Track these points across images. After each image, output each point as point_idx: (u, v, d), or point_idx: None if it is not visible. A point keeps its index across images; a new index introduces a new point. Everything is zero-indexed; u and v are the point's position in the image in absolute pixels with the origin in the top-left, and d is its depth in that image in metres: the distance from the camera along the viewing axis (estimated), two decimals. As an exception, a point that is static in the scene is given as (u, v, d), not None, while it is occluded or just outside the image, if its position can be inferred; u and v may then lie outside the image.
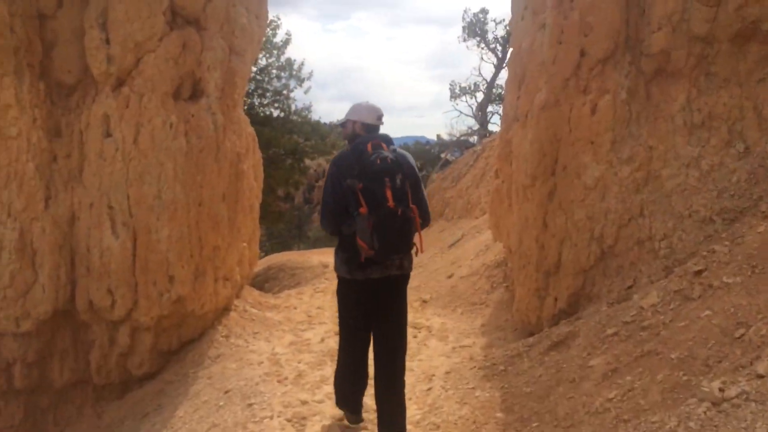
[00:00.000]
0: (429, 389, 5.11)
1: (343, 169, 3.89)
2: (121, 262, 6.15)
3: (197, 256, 6.53)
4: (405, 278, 4.10)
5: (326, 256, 17.37)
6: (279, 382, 5.50)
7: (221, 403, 5.28)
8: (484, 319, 7.69)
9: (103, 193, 6.16)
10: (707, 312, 3.85)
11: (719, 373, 3.28)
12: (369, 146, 3.86)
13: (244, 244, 8.07)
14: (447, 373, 5.47)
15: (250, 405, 4.98)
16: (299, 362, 6.15)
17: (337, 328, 7.34)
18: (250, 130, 8.29)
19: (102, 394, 6.65)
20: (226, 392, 5.45)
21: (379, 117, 4.15)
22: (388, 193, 3.69)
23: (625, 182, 5.29)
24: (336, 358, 4.58)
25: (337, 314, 4.60)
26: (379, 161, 3.76)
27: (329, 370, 5.93)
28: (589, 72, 5.58)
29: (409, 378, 5.56)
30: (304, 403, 4.96)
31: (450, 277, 9.70)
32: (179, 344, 6.77)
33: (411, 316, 8.20)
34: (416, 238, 3.94)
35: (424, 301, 8.95)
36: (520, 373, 4.70)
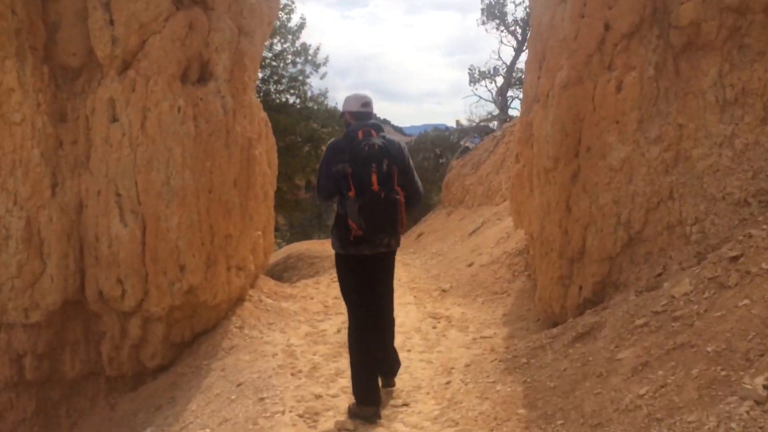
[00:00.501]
0: (448, 383, 4.88)
1: (335, 154, 4.24)
2: (130, 251, 5.99)
3: (208, 244, 6.35)
4: (392, 254, 4.58)
5: (345, 245, 17.22)
6: (293, 375, 5.31)
7: (233, 397, 5.10)
8: (505, 309, 7.43)
9: (110, 180, 6.00)
10: (746, 301, 3.56)
11: (762, 368, 3.00)
12: (360, 133, 4.21)
13: (258, 233, 7.88)
14: (467, 365, 5.23)
15: (262, 399, 4.79)
16: (314, 354, 5.96)
17: (353, 319, 7.22)
18: (263, 114, 8.08)
19: (115, 386, 6.54)
20: (239, 385, 5.28)
21: (364, 104, 4.47)
22: (374, 178, 4.06)
23: (653, 163, 4.98)
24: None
25: None
26: (367, 148, 4.12)
27: (344, 362, 5.73)
28: (614, 47, 5.26)
29: (427, 371, 5.38)
30: (317, 397, 4.76)
31: (470, 265, 9.45)
32: (192, 335, 6.62)
33: (430, 306, 8.02)
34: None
35: (444, 291, 8.71)
36: (543, 366, 4.44)
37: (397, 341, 6.43)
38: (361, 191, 4.05)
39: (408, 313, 7.68)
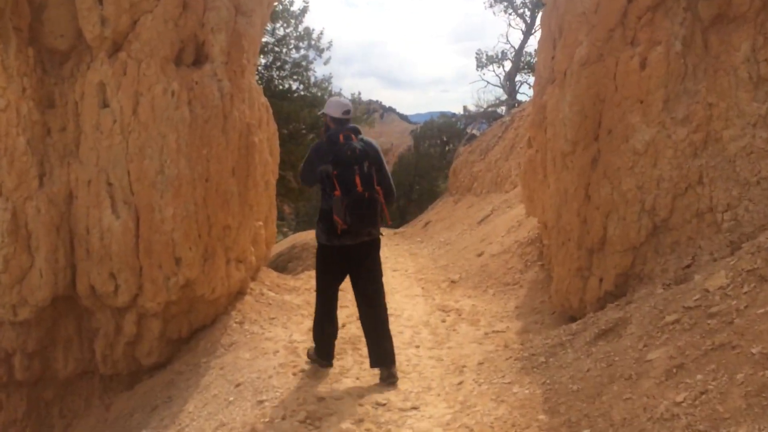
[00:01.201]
0: (460, 383, 4.55)
1: (319, 156, 4.72)
2: (123, 243, 5.67)
3: (205, 236, 6.02)
4: (375, 242, 4.92)
5: (351, 234, 16.90)
6: (294, 374, 4.99)
7: (231, 398, 4.80)
8: (518, 301, 7.10)
9: (101, 169, 5.67)
10: (792, 296, 3.22)
11: (818, 374, 2.66)
12: (341, 137, 4.66)
13: (260, 223, 7.55)
14: (480, 363, 4.90)
15: (261, 402, 4.48)
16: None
17: (358, 313, 6.89)
18: (263, 100, 7.73)
19: (110, 385, 6.24)
20: (237, 386, 4.97)
21: (345, 112, 4.88)
22: (357, 180, 4.51)
23: (680, 146, 4.62)
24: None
25: None
26: (349, 152, 4.56)
27: (350, 359, 5.43)
28: (638, 20, 4.90)
29: (437, 369, 5.05)
30: (320, 399, 4.44)
31: (480, 255, 9.10)
32: (190, 331, 6.31)
33: (439, 298, 7.69)
34: (384, 214, 4.81)
35: (453, 282, 8.38)
36: (564, 366, 4.10)
37: (405, 336, 6.14)
38: (347, 191, 4.51)
39: (416, 306, 7.37)
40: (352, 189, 4.51)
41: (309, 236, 16.95)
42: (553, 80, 6.72)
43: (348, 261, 4.89)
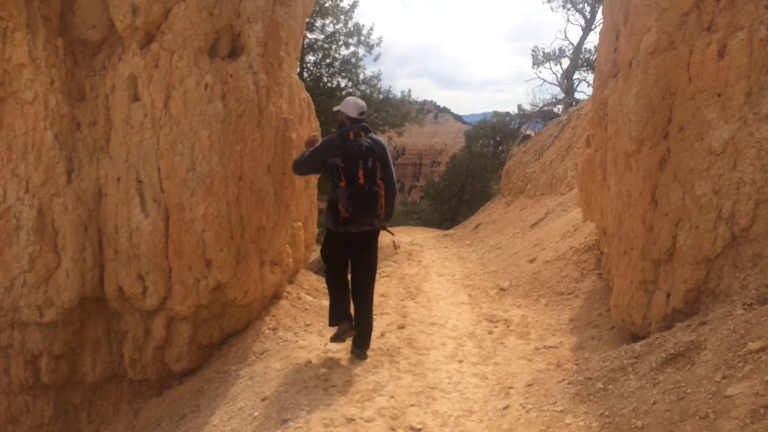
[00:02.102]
0: (505, 408, 4.07)
1: (330, 149, 5.11)
2: (152, 244, 5.42)
3: (238, 237, 5.71)
4: (375, 232, 5.36)
5: (400, 236, 16.41)
6: (324, 390, 4.61)
7: (256, 414, 4.44)
8: (572, 313, 6.55)
9: (131, 166, 5.43)
10: None
11: None
12: (351, 134, 5.05)
13: (299, 224, 7.23)
14: (528, 385, 4.41)
15: (285, 422, 4.10)
16: (352, 363, 5.25)
17: (400, 321, 6.48)
18: (305, 95, 7.41)
19: (139, 390, 6.02)
20: (264, 399, 4.62)
21: (362, 112, 5.30)
22: (360, 173, 4.92)
23: (764, 145, 4.03)
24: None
25: (400, 303, 7.20)
26: (356, 148, 4.97)
27: (386, 374, 5.01)
28: (716, 3, 4.31)
29: (480, 390, 4.58)
30: (350, 420, 4.04)
31: (532, 261, 8.54)
32: (221, 337, 6.01)
33: (486, 307, 7.21)
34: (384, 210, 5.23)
35: (502, 289, 7.86)
36: (625, 396, 3.58)
37: (448, 349, 5.69)
38: (350, 183, 4.92)
39: (461, 315, 6.89)
40: (355, 181, 4.93)
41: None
42: (616, 74, 6.15)
43: (350, 247, 5.30)
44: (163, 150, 5.41)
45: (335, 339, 5.36)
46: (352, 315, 5.40)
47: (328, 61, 15.07)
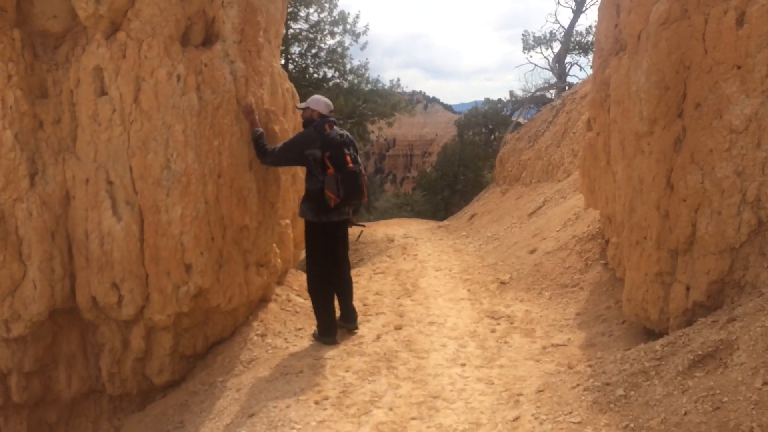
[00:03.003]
0: (516, 419, 3.69)
1: (308, 142, 5.31)
2: (126, 249, 5.00)
3: (219, 239, 5.31)
4: (348, 221, 5.70)
5: (393, 228, 16.02)
6: (316, 403, 4.23)
7: (242, 432, 4.06)
8: (578, 306, 6.18)
9: (99, 166, 5.01)
10: None
11: None
12: (327, 127, 5.35)
13: (286, 222, 6.81)
14: (539, 391, 4.03)
15: (272, 442, 3.72)
16: (347, 370, 4.87)
17: (397, 321, 6.09)
18: (288, 85, 6.98)
19: (120, 406, 5.62)
20: (251, 416, 4.23)
21: (330, 111, 5.59)
22: (348, 159, 5.23)
23: (791, 121, 3.65)
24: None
25: (396, 301, 6.96)
26: (339, 137, 5.30)
27: (384, 381, 4.64)
28: (733, -33, 3.93)
29: (487, 398, 4.19)
30: (344, 438, 3.66)
31: (532, 252, 8.17)
32: (206, 346, 5.62)
33: (487, 302, 6.83)
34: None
35: (503, 283, 7.48)
36: (651, 404, 3.21)
37: (449, 351, 5.31)
38: (339, 168, 5.17)
39: (461, 312, 6.52)
40: (344, 166, 5.18)
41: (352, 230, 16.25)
42: (617, 51, 5.76)
43: (330, 235, 5.52)
44: (134, 148, 5.00)
45: (317, 340, 5.59)
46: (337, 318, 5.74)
47: (313, 51, 14.63)
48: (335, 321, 5.65)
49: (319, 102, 5.55)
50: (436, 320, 6.20)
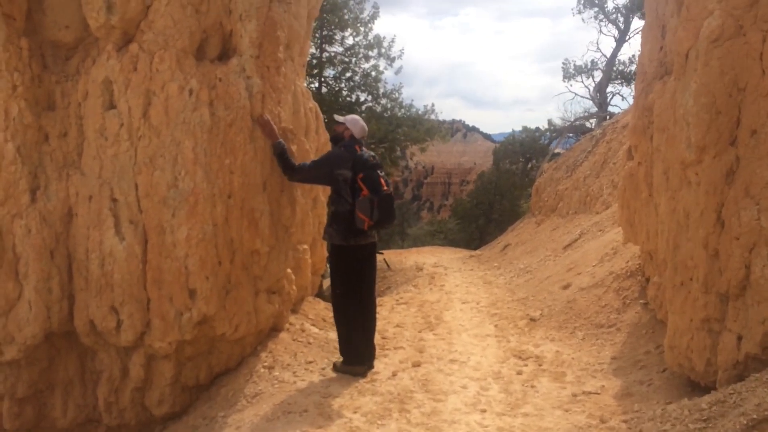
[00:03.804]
0: (537, 483, 3.24)
1: (340, 162, 5.16)
2: (128, 271, 4.72)
3: (227, 263, 5.00)
4: (376, 244, 5.44)
5: (424, 256, 15.62)
6: (317, 449, 3.84)
7: (234, 479, 3.69)
8: (614, 350, 5.68)
9: (104, 182, 4.76)
10: None
11: None
12: (358, 148, 5.23)
13: (304, 247, 6.50)
14: (566, 450, 3.57)
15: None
16: (355, 411, 4.47)
17: (415, 357, 5.68)
18: (312, 104, 6.70)
19: (117, 437, 5.29)
20: (245, 459, 3.86)
21: (363, 136, 5.42)
22: (382, 181, 5.10)
23: None
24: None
25: (417, 335, 6.62)
26: (372, 159, 5.18)
27: (394, 427, 4.23)
28: (795, -21, 3.51)
29: (507, 454, 3.75)
30: (342, 495, 3.25)
31: (566, 287, 7.67)
32: (210, 377, 5.29)
33: (515, 340, 6.36)
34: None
35: (532, 319, 7.00)
36: (697, 479, 2.74)
37: (469, 393, 4.86)
38: (375, 191, 5.03)
39: (486, 350, 6.07)
40: (380, 189, 5.04)
41: (377, 257, 15.88)
42: (662, 75, 5.34)
43: (359, 259, 5.28)
44: (141, 164, 4.74)
45: (343, 372, 5.26)
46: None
47: (348, 75, 14.45)
48: (367, 348, 5.38)
49: (356, 124, 5.39)
50: (459, 358, 5.77)
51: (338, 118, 5.51)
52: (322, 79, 14.27)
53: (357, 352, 5.29)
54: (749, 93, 3.62)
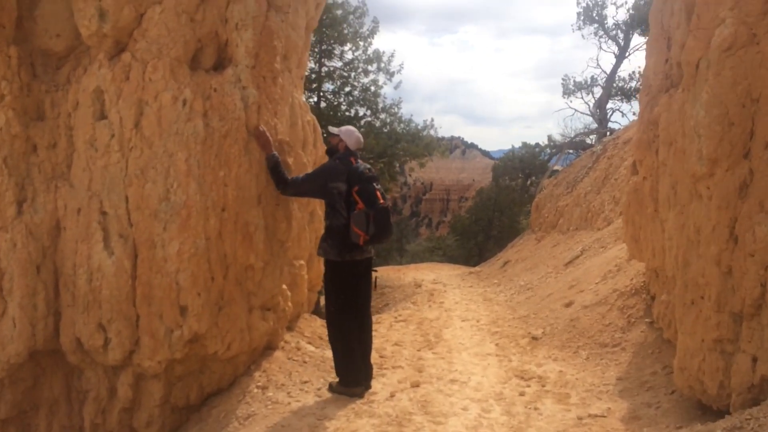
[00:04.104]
0: None
1: (334, 174, 4.98)
2: (116, 287, 4.55)
3: (220, 279, 4.83)
4: (372, 259, 5.29)
5: (423, 273, 15.46)
6: (310, 476, 3.65)
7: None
8: (620, 370, 5.50)
9: (93, 194, 4.61)
10: None
11: None
12: (353, 160, 5.05)
13: (301, 262, 6.32)
14: (573, 479, 3.39)
15: None
16: (351, 434, 4.28)
17: (414, 377, 5.50)
18: (310, 117, 6.57)
19: (104, 459, 5.08)
20: (235, 485, 3.67)
21: (359, 148, 5.25)
22: (378, 194, 4.94)
23: None
24: None
25: (416, 354, 6.42)
26: (367, 171, 5.01)
27: (392, 451, 4.02)
28: (809, -13, 3.39)
29: (510, 482, 3.57)
30: None
31: (568, 305, 7.50)
32: (201, 397, 5.10)
33: (517, 360, 6.18)
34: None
35: (534, 338, 6.82)
36: None
37: (470, 416, 4.67)
38: (371, 204, 4.85)
39: (487, 369, 5.89)
40: (375, 202, 4.87)
41: (377, 274, 15.69)
42: (668, 88, 5.21)
43: (355, 275, 5.08)
44: (131, 176, 4.59)
45: (339, 393, 5.05)
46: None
47: (347, 89, 14.38)
48: (364, 367, 5.17)
49: (351, 135, 5.21)
50: (459, 378, 5.59)
51: (332, 129, 5.32)
52: (321, 94, 14.20)
53: (353, 371, 5.07)
54: (763, 104, 3.48)
